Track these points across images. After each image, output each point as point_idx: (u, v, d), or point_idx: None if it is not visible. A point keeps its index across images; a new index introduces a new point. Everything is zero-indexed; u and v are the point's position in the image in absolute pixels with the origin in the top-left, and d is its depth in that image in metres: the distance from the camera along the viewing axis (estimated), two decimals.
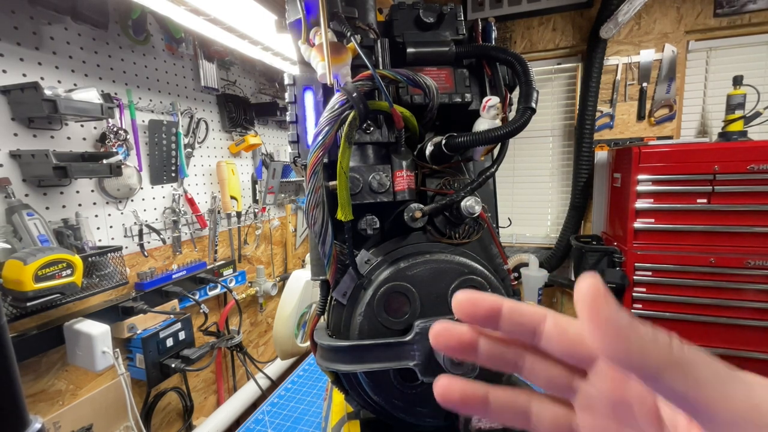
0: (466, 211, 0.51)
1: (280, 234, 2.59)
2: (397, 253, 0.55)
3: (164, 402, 1.72)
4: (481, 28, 0.58)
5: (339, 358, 0.48)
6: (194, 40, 1.83)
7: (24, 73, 1.21)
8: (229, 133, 2.11)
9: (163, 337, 1.52)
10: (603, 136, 2.79)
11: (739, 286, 2.08)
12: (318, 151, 0.45)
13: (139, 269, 1.60)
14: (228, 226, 2.09)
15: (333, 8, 0.51)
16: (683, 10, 2.53)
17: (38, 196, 1.25)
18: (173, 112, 1.73)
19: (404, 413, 0.52)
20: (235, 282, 2.07)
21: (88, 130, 1.39)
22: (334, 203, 0.47)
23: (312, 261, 0.59)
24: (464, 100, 0.55)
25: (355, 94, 0.46)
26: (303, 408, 1.15)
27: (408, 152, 0.53)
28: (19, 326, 1.18)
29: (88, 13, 1.30)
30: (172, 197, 1.75)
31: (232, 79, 2.13)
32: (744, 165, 1.99)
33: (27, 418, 0.54)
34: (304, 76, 0.56)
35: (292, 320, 1.35)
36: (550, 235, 3.12)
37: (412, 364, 0.47)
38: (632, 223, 2.24)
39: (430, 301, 0.51)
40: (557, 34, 2.82)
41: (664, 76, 2.59)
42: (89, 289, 1.27)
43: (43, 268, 1.04)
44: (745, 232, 2.05)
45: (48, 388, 1.28)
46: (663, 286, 2.21)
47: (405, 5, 0.57)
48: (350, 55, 0.49)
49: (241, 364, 2.16)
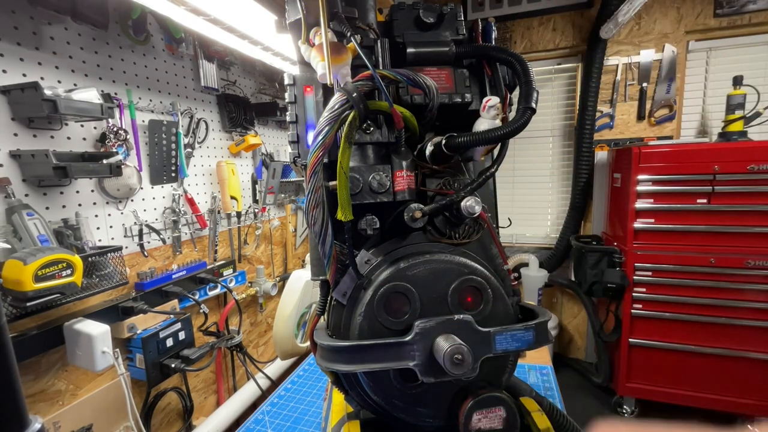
0: (466, 211, 0.51)
1: (280, 234, 2.59)
2: (397, 254, 0.55)
3: (164, 402, 1.72)
4: (481, 28, 0.58)
5: (339, 358, 0.48)
6: (194, 40, 1.83)
7: (24, 73, 1.21)
8: (229, 133, 2.11)
9: (163, 337, 1.51)
10: (603, 136, 2.79)
11: (739, 287, 2.08)
12: (318, 151, 0.45)
13: (139, 269, 1.60)
14: (228, 226, 2.09)
15: (333, 8, 0.51)
16: (683, 10, 2.53)
17: (38, 196, 1.25)
18: (173, 112, 1.73)
19: (404, 413, 0.52)
20: (235, 282, 2.07)
21: (88, 130, 1.39)
22: (334, 203, 0.47)
23: (312, 261, 0.59)
24: (464, 100, 0.55)
25: (355, 94, 0.45)
26: (303, 408, 1.15)
27: (408, 152, 0.53)
28: (19, 326, 1.18)
29: (88, 13, 1.30)
30: (172, 197, 1.75)
31: (232, 79, 2.13)
32: (744, 165, 1.99)
33: (27, 418, 0.54)
34: (304, 76, 0.56)
35: (292, 320, 1.35)
36: (550, 235, 3.12)
37: (412, 364, 0.47)
38: (632, 223, 2.24)
39: (430, 301, 0.51)
40: (557, 34, 2.82)
41: (664, 76, 2.59)
42: (89, 289, 1.27)
43: (43, 268, 1.04)
44: (745, 233, 2.05)
45: (48, 388, 1.28)
46: (663, 286, 2.21)
47: (405, 5, 0.57)
48: (350, 55, 0.49)
49: (241, 364, 2.16)
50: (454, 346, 0.44)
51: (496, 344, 0.49)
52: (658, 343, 2.25)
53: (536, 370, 1.29)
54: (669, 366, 2.25)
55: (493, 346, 0.49)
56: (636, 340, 2.29)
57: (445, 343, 0.45)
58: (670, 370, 2.26)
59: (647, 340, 2.27)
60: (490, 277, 0.53)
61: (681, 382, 2.24)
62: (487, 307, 0.52)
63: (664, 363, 2.26)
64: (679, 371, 2.24)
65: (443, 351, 0.44)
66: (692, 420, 2.26)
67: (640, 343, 2.29)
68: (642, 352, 2.30)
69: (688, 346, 2.19)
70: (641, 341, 2.29)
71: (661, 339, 2.24)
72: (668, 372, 2.26)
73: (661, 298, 2.22)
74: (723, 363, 2.14)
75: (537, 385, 1.20)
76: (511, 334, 0.49)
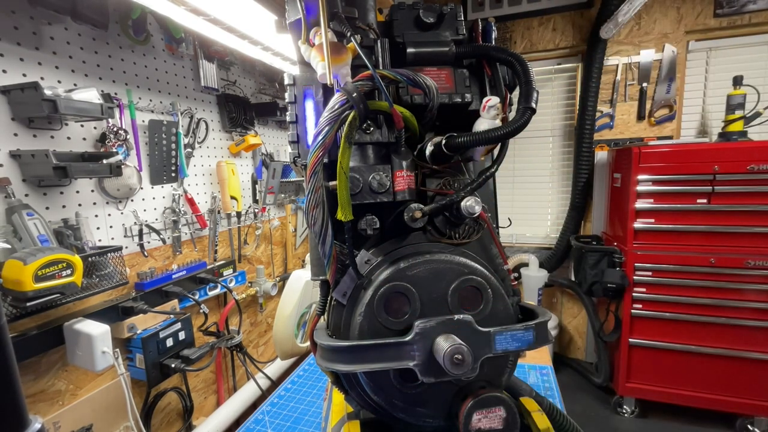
0: (466, 211, 0.51)
1: (280, 234, 2.59)
2: (397, 254, 0.55)
3: (164, 402, 1.72)
4: (481, 28, 0.58)
5: (339, 358, 0.48)
6: (194, 40, 1.83)
7: (24, 73, 1.21)
8: (229, 133, 2.11)
9: (163, 337, 1.51)
10: (603, 136, 2.79)
11: (739, 287, 2.08)
12: (318, 151, 0.45)
13: (139, 269, 1.60)
14: (228, 226, 2.09)
15: (333, 8, 0.51)
16: (683, 11, 2.53)
17: (38, 196, 1.25)
18: (173, 112, 1.73)
19: (404, 413, 0.52)
20: (235, 282, 2.07)
21: (88, 130, 1.39)
22: (334, 203, 0.47)
23: (312, 261, 0.59)
24: (464, 100, 0.55)
25: (355, 94, 0.45)
26: (303, 408, 1.15)
27: (408, 152, 0.53)
28: (19, 326, 1.18)
29: (88, 13, 1.30)
30: (172, 197, 1.75)
31: (232, 79, 2.13)
32: (744, 165, 1.99)
33: (27, 418, 0.54)
34: (304, 76, 0.56)
35: (292, 320, 1.35)
36: (550, 235, 3.12)
37: (412, 364, 0.47)
38: (632, 223, 2.24)
39: (430, 301, 0.51)
40: (557, 34, 2.82)
41: (664, 77, 2.59)
42: (89, 289, 1.27)
43: (43, 268, 1.04)
44: (745, 233, 2.05)
45: (48, 388, 1.28)
46: (663, 286, 2.21)
47: (405, 5, 0.57)
48: (350, 55, 0.49)
49: (241, 364, 2.16)
50: (454, 346, 0.44)
51: (496, 344, 0.49)
52: (658, 343, 2.25)
53: (536, 370, 1.29)
54: (669, 366, 2.26)
55: (493, 346, 0.49)
56: (636, 340, 2.29)
57: (445, 343, 0.45)
58: (670, 370, 2.26)
59: (647, 340, 2.27)
60: (490, 277, 0.53)
61: (681, 382, 2.24)
62: (487, 307, 0.52)
63: (664, 363, 2.26)
64: (679, 371, 2.24)
65: (443, 351, 0.44)
66: (692, 420, 2.27)
67: (640, 343, 2.29)
68: (642, 352, 2.30)
69: (688, 346, 2.19)
70: (641, 341, 2.29)
71: (661, 339, 2.24)
72: (668, 372, 2.26)
73: (661, 298, 2.22)
74: (723, 363, 2.14)
75: (537, 385, 1.20)
76: (511, 334, 0.49)
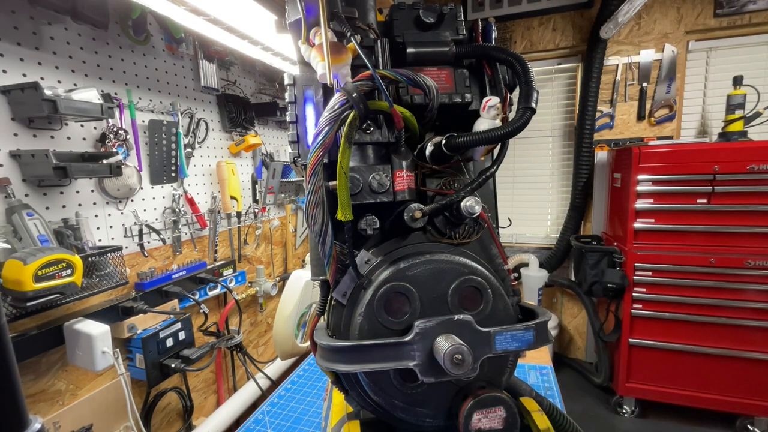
0: (466, 211, 0.51)
1: (280, 234, 2.59)
2: (397, 254, 0.55)
3: (164, 402, 1.72)
4: (481, 28, 0.58)
5: (339, 358, 0.48)
6: (194, 40, 1.83)
7: (24, 73, 1.21)
8: (229, 133, 2.11)
9: (163, 337, 1.51)
10: (603, 136, 2.79)
11: (739, 287, 2.08)
12: (318, 151, 0.45)
13: (139, 269, 1.60)
14: (228, 226, 2.09)
15: (333, 8, 0.51)
16: (683, 10, 2.53)
17: (38, 196, 1.25)
18: (173, 112, 1.73)
19: (404, 413, 0.52)
20: (235, 282, 2.07)
21: (88, 130, 1.39)
22: (334, 203, 0.47)
23: (312, 261, 0.59)
24: (464, 100, 0.55)
25: (355, 94, 0.45)
26: (303, 408, 1.15)
27: (408, 152, 0.53)
28: (19, 326, 1.18)
29: (88, 13, 1.30)
30: (172, 197, 1.75)
31: (232, 79, 2.13)
32: (744, 165, 1.99)
33: (27, 418, 0.54)
34: (304, 76, 0.56)
35: (292, 320, 1.35)
36: (550, 235, 3.11)
37: (412, 364, 0.47)
38: (632, 223, 2.24)
39: (430, 301, 0.51)
40: (557, 34, 2.82)
41: (664, 76, 2.59)
42: (89, 289, 1.27)
43: (43, 268, 1.04)
44: (745, 233, 2.05)
45: (48, 388, 1.28)
46: (663, 286, 2.21)
47: (405, 5, 0.57)
48: (350, 55, 0.49)
49: (241, 364, 2.16)
50: (454, 346, 0.44)
51: (496, 344, 0.49)
52: (658, 343, 2.25)
53: (536, 370, 1.29)
54: (669, 366, 2.25)
55: (493, 346, 0.49)
56: (636, 340, 2.29)
57: (445, 343, 0.45)
58: (670, 370, 2.26)
59: (647, 340, 2.27)
60: (490, 277, 0.53)
61: (681, 382, 2.24)
62: (487, 307, 0.52)
63: (664, 363, 2.26)
64: (679, 371, 2.24)
65: (443, 351, 0.44)
66: (692, 420, 2.26)
67: (640, 343, 2.29)
68: (642, 352, 2.30)
69: (688, 346, 2.19)
70: (641, 341, 2.29)
71: (661, 339, 2.24)
72: (668, 372, 2.26)
73: (661, 298, 2.22)
74: (723, 363, 2.14)
75: (537, 385, 1.20)
76: (511, 334, 0.49)
